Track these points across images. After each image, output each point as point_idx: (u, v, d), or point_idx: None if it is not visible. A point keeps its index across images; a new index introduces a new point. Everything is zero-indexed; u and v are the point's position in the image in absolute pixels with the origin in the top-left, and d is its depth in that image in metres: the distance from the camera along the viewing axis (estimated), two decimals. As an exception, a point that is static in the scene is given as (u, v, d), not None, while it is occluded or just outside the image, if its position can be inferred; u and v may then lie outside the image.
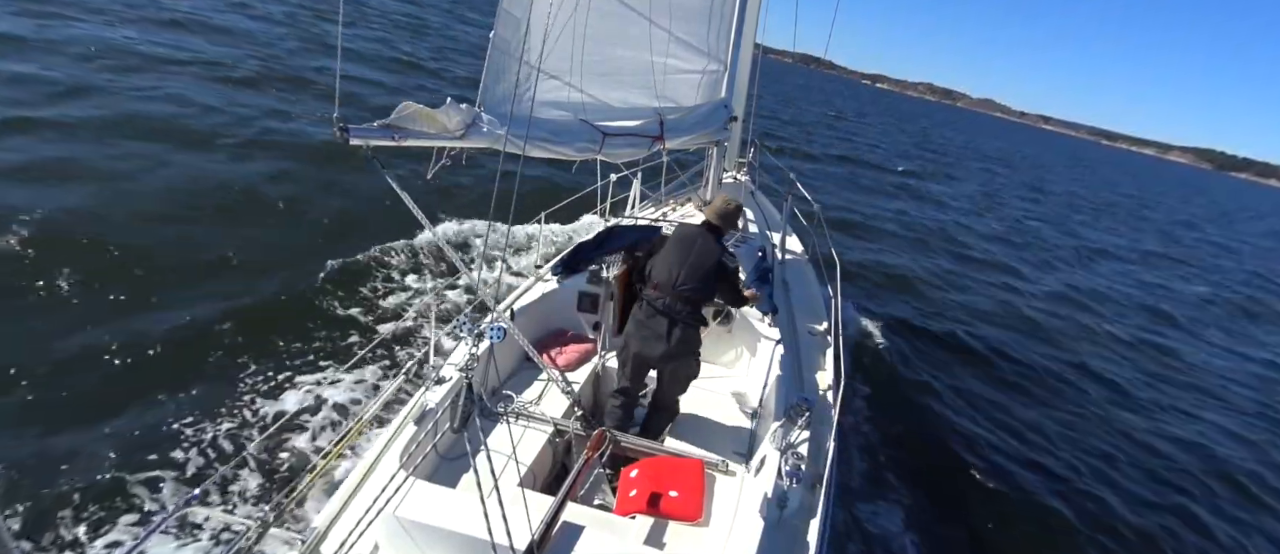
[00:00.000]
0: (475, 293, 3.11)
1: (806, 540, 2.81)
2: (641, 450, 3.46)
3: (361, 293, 6.54)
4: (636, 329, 3.57)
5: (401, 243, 7.44)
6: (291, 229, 7.68)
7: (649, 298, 3.55)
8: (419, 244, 7.44)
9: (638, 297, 3.66)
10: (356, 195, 8.81)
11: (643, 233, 4.93)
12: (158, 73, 12.01)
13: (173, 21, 16.01)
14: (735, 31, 5.35)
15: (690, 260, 3.53)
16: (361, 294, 6.53)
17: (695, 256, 3.55)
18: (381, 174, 2.47)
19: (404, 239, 7.51)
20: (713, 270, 3.54)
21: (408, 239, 7.54)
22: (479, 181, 8.92)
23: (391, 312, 6.38)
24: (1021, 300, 12.44)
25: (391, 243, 7.39)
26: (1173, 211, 44.02)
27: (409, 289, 6.83)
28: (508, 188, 2.73)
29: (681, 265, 3.52)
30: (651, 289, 3.56)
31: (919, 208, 19.38)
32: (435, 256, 7.26)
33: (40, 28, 12.35)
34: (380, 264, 7.02)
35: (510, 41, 3.30)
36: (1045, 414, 7.78)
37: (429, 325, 3.37)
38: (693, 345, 3.59)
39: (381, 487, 2.50)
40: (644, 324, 3.54)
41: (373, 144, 2.51)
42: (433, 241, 3.57)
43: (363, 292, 6.57)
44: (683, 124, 4.70)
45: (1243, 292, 19.23)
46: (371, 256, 7.03)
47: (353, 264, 6.84)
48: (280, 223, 7.80)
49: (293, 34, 18.84)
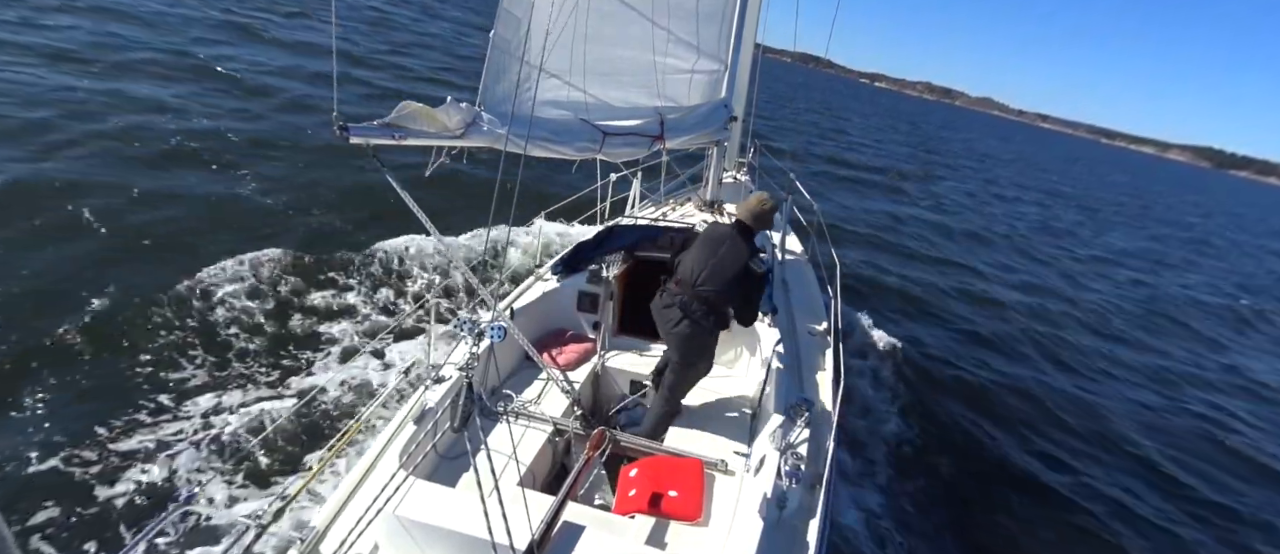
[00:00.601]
0: (475, 293, 3.10)
1: (806, 540, 2.81)
2: (641, 450, 3.46)
3: (361, 292, 6.54)
4: (656, 315, 3.62)
5: (401, 242, 7.43)
6: (291, 229, 7.67)
7: (669, 290, 3.57)
8: (419, 244, 7.44)
9: (661, 287, 3.67)
10: (356, 195, 8.82)
11: (643, 233, 4.94)
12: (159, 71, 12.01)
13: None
14: (735, 31, 5.35)
15: (714, 261, 3.51)
16: (361, 293, 6.52)
17: (721, 258, 3.52)
18: (382, 173, 2.47)
19: (404, 238, 7.50)
20: (737, 275, 3.49)
21: (408, 238, 7.53)
22: (479, 181, 8.93)
23: (391, 311, 6.38)
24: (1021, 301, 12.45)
25: (391, 242, 7.38)
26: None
27: (409, 289, 6.83)
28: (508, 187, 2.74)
29: (705, 265, 3.50)
30: (674, 283, 3.58)
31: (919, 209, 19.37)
32: (435, 256, 7.25)
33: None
34: (380, 264, 7.01)
35: (510, 41, 3.30)
36: (1045, 413, 7.79)
37: (429, 325, 3.37)
38: (703, 346, 3.57)
39: (381, 486, 2.50)
40: (660, 313, 3.58)
41: (373, 143, 2.51)
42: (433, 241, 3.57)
43: (362, 291, 6.57)
44: (683, 124, 4.71)
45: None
46: (371, 256, 7.02)
47: (353, 264, 6.84)
48: (279, 223, 7.79)
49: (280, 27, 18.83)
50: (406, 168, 3.22)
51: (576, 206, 6.17)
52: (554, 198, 5.79)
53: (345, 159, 9.66)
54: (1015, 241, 18.50)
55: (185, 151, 9.03)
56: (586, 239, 4.86)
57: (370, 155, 2.50)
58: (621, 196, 6.36)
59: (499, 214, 2.84)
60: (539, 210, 5.68)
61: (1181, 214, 43.26)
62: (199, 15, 17.57)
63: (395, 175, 2.49)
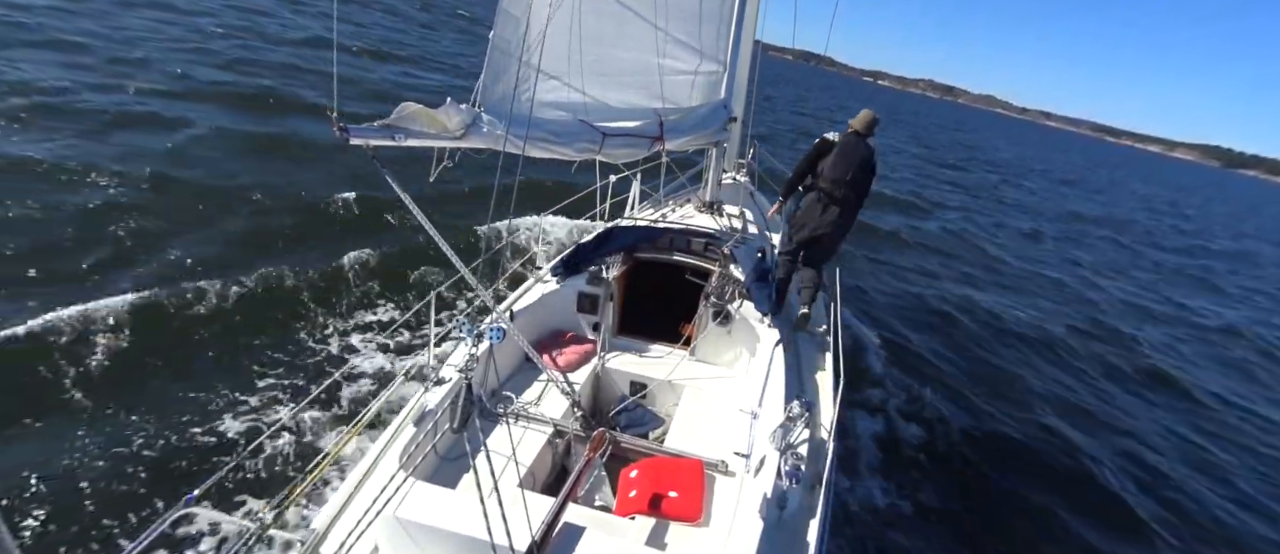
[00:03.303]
0: (475, 293, 3.10)
1: (806, 541, 2.81)
2: (641, 451, 3.46)
3: (361, 293, 6.54)
4: (808, 212, 4.75)
5: (401, 243, 7.44)
6: (290, 229, 7.67)
7: (821, 190, 4.67)
8: (419, 244, 7.44)
9: (812, 188, 4.76)
10: (354, 194, 8.82)
11: (642, 233, 4.94)
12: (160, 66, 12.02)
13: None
14: (734, 32, 5.35)
15: (856, 159, 4.59)
16: (361, 295, 6.53)
17: (860, 156, 4.61)
18: (382, 174, 2.47)
19: (404, 239, 7.50)
20: (868, 163, 4.65)
21: (407, 239, 7.53)
22: (479, 182, 8.93)
23: (391, 312, 6.38)
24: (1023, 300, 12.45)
25: (391, 243, 7.39)
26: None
27: (408, 290, 6.83)
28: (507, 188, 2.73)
29: (850, 166, 4.59)
30: (825, 182, 4.65)
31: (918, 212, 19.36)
32: (435, 257, 7.25)
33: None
34: (380, 264, 7.01)
35: (510, 41, 3.30)
36: (1046, 412, 7.78)
37: (429, 326, 3.37)
38: (850, 224, 4.78)
39: (381, 487, 2.50)
40: (811, 208, 4.74)
41: (373, 144, 2.51)
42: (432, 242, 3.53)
43: (362, 292, 6.57)
44: (682, 125, 4.71)
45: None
46: (371, 256, 7.03)
47: (352, 264, 6.84)
48: (278, 223, 7.79)
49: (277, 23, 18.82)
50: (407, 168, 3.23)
51: (576, 207, 6.17)
52: (554, 198, 5.79)
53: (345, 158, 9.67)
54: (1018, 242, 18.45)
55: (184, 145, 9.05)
56: (586, 240, 4.86)
57: (370, 157, 2.50)
58: (621, 197, 6.36)
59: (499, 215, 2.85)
60: (539, 211, 5.68)
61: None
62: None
63: (395, 176, 2.49)
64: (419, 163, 2.90)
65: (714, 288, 4.51)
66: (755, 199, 7.27)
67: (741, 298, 4.45)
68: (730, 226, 5.77)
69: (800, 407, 3.24)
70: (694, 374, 4.35)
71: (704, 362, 4.56)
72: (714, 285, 4.53)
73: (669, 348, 4.64)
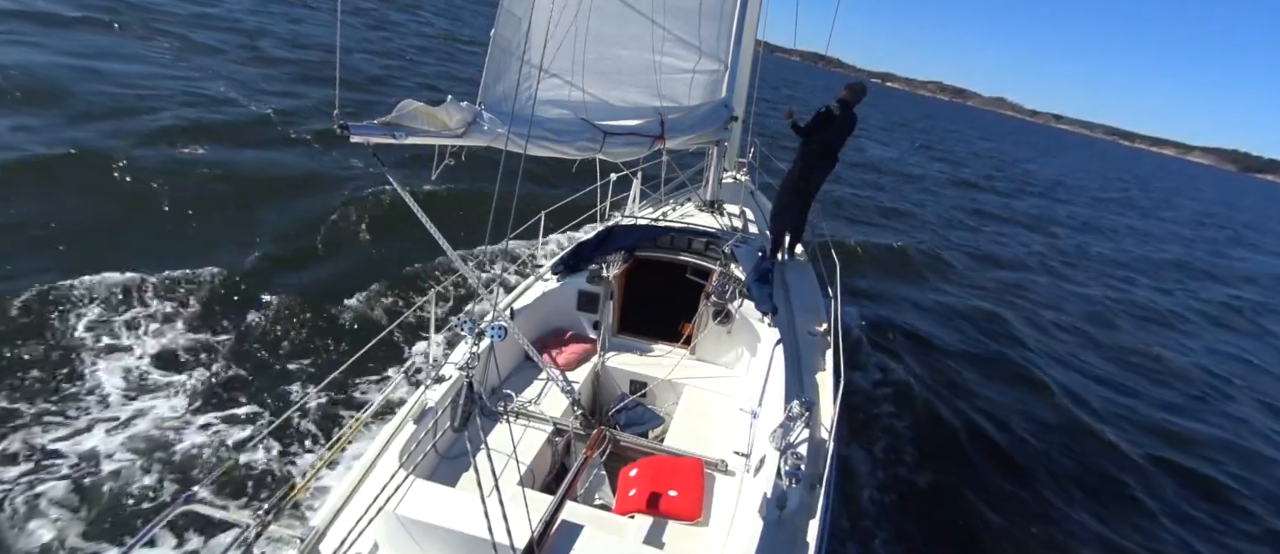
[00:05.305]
0: (475, 293, 3.11)
1: (806, 540, 2.81)
2: (641, 450, 3.46)
3: (361, 291, 6.54)
4: (805, 168, 5.67)
5: (401, 242, 7.43)
6: (289, 229, 7.67)
7: (812, 151, 5.59)
8: (419, 243, 7.42)
9: (805, 152, 5.59)
10: (354, 194, 8.81)
11: (643, 233, 4.94)
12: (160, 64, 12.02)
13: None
14: (736, 31, 5.35)
15: (847, 130, 5.56)
16: (361, 293, 6.52)
17: (849, 127, 5.56)
18: (383, 172, 2.47)
19: (404, 238, 7.49)
20: (851, 124, 5.59)
21: (407, 238, 7.52)
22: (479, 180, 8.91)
23: (391, 311, 6.38)
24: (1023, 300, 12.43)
25: (391, 242, 7.38)
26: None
27: (409, 288, 6.82)
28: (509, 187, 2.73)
29: (842, 134, 5.56)
30: (818, 147, 5.58)
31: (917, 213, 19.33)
32: (435, 256, 7.25)
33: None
34: (380, 263, 7.01)
35: (511, 40, 3.30)
36: (1046, 412, 7.77)
37: (429, 324, 3.37)
38: (828, 175, 5.88)
39: (381, 485, 2.50)
40: (809, 164, 5.67)
41: (374, 142, 2.51)
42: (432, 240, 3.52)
43: (362, 290, 6.56)
44: (683, 123, 4.70)
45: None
46: (371, 256, 7.03)
47: (352, 263, 6.85)
48: (277, 223, 7.79)
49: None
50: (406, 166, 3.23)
51: (576, 207, 6.16)
52: (554, 198, 5.79)
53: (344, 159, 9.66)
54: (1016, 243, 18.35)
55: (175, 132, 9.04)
56: (587, 239, 4.86)
57: (371, 155, 2.50)
58: (621, 196, 6.35)
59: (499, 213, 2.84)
60: (539, 210, 5.68)
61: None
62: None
63: (395, 175, 2.49)
64: (420, 161, 2.90)
65: (714, 287, 4.51)
66: (756, 198, 7.26)
67: (742, 297, 4.44)
68: (731, 226, 5.77)
69: (800, 406, 3.24)
70: (694, 373, 4.35)
71: (704, 361, 4.56)
72: (714, 284, 4.53)
73: (669, 347, 4.63)
